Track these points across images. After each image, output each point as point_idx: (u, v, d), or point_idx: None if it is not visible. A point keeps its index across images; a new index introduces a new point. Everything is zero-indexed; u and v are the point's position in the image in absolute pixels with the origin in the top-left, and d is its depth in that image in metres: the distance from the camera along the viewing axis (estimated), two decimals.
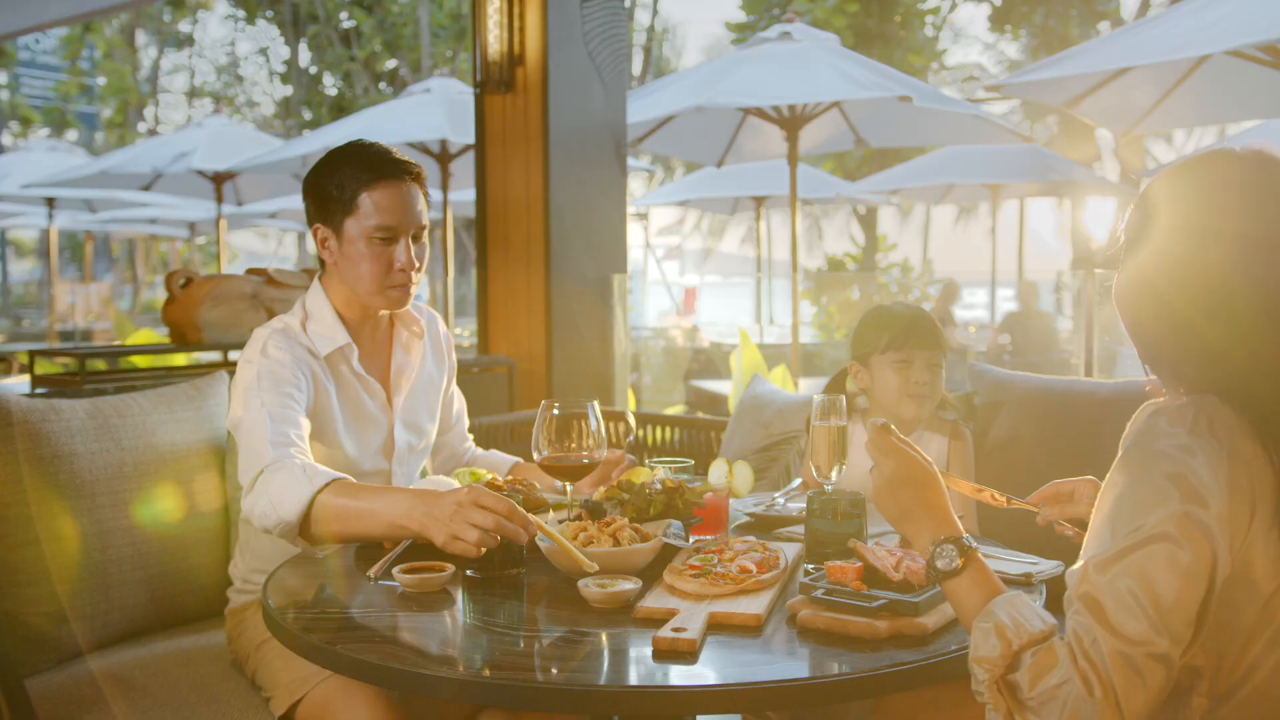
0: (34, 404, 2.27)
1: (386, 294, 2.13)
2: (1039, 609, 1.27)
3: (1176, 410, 1.21)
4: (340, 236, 2.10)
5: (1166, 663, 1.16)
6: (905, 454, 1.44)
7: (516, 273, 4.19)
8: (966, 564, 1.31)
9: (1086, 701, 1.15)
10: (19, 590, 2.19)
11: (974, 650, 1.24)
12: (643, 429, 3.64)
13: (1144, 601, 1.16)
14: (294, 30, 20.16)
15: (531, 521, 1.65)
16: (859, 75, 5.31)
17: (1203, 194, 1.26)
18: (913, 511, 1.39)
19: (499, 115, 4.19)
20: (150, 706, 1.99)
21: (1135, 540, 1.18)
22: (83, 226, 15.22)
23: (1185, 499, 1.17)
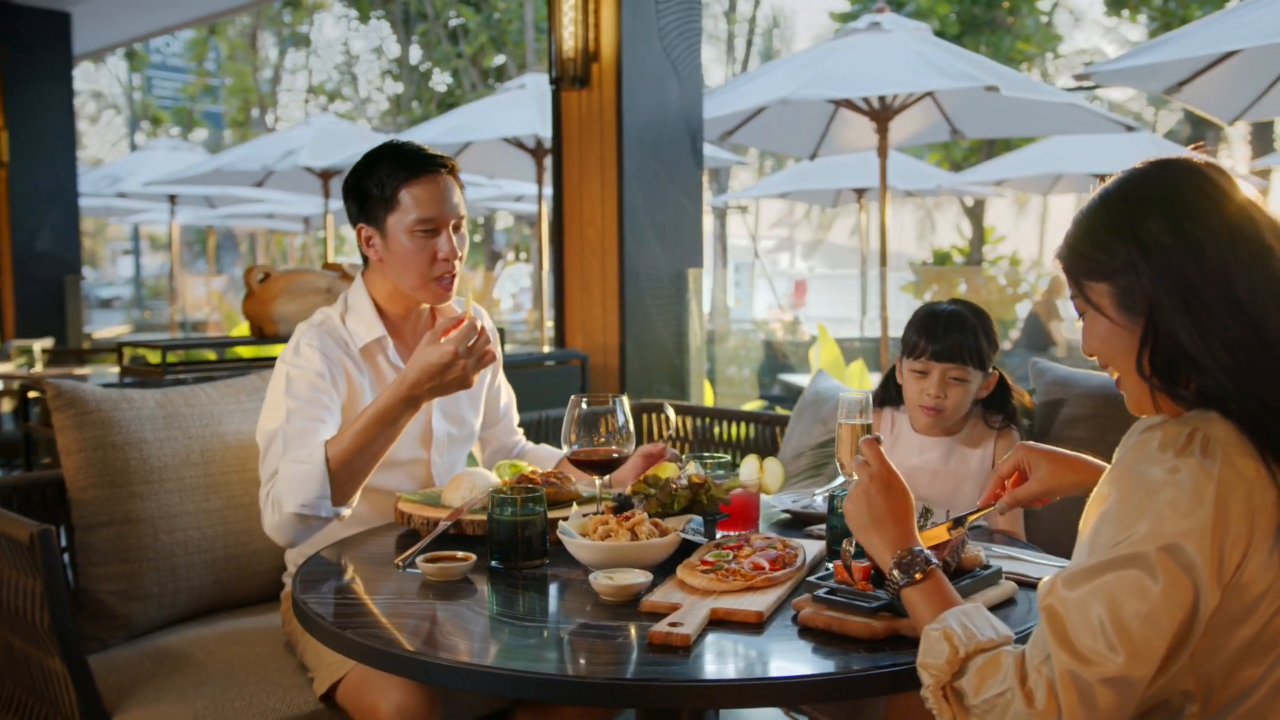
0: (108, 393, 2.40)
1: (431, 286, 2.20)
2: (995, 620, 1.26)
3: (1169, 431, 1.16)
4: (384, 233, 2.17)
5: (1120, 688, 1.12)
6: (887, 466, 1.47)
7: (592, 267, 4.24)
8: (925, 576, 1.33)
9: (1025, 713, 1.13)
10: (92, 569, 2.32)
11: (921, 655, 1.24)
12: (717, 424, 3.64)
13: (1106, 623, 1.13)
14: (404, 28, 20.64)
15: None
16: (947, 65, 5.20)
17: (1213, 195, 1.22)
18: (883, 521, 1.42)
19: (575, 111, 4.24)
20: (203, 681, 2.09)
21: (1109, 559, 1.15)
22: (204, 222, 15.87)
23: (1166, 526, 1.13)
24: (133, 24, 8.88)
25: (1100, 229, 1.26)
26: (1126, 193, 1.26)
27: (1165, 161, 1.28)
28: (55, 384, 2.36)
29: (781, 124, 6.94)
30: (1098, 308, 1.27)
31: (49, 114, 7.76)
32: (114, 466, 2.33)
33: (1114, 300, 1.24)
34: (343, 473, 1.96)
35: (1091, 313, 1.28)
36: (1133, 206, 1.24)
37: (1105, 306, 1.26)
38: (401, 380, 1.95)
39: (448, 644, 1.46)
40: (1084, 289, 1.28)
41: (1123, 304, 1.24)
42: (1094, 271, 1.26)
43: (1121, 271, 1.23)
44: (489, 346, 1.98)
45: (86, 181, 11.64)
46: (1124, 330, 1.24)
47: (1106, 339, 1.27)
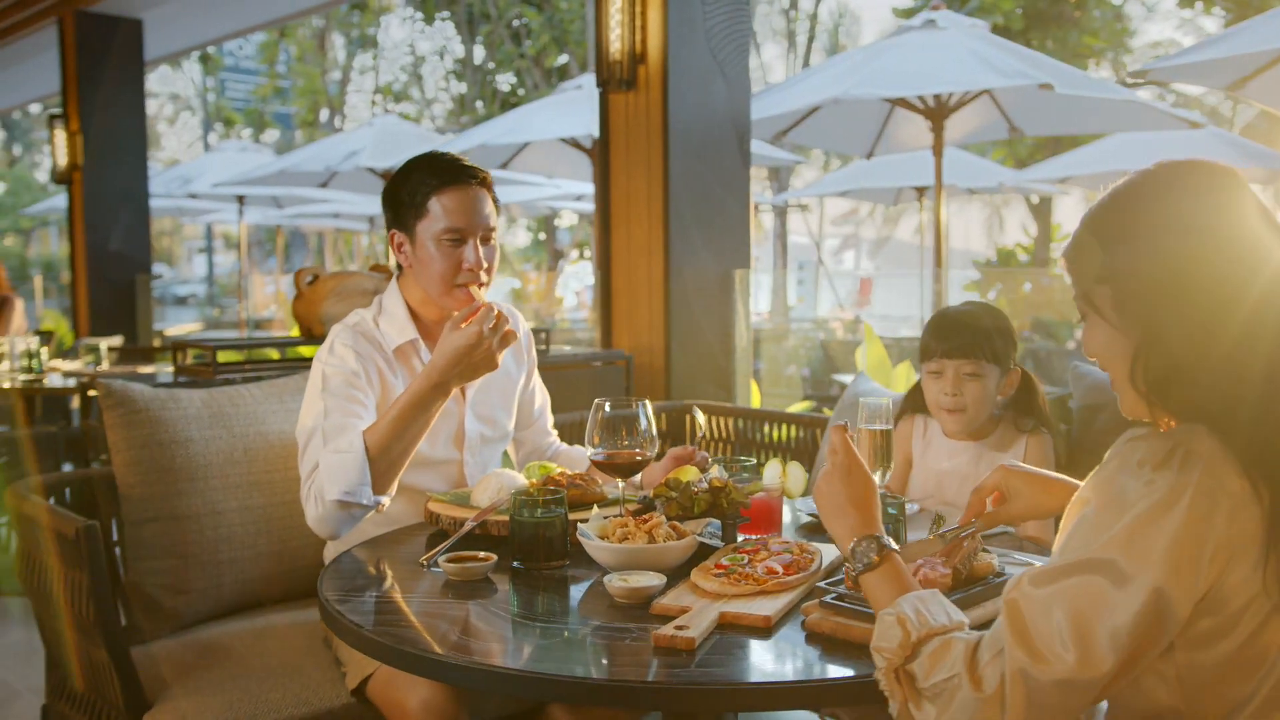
0: (156, 393, 2.48)
1: (455, 295, 2.24)
2: (950, 607, 1.28)
3: (1152, 445, 1.15)
4: (413, 240, 2.22)
5: (1068, 690, 1.12)
6: (853, 455, 1.49)
7: (638, 267, 4.26)
8: (882, 561, 1.35)
9: (972, 698, 1.15)
10: (141, 563, 2.41)
11: (875, 639, 1.26)
12: (759, 426, 3.64)
13: (1065, 625, 1.12)
14: (468, 29, 20.85)
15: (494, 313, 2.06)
16: (1001, 63, 5.14)
17: (1208, 195, 1.21)
18: (844, 507, 1.45)
19: (622, 113, 4.27)
20: (240, 674, 2.15)
21: (1076, 561, 1.15)
22: (272, 221, 16.21)
23: (1135, 536, 1.12)
24: (202, 29, 9.09)
25: (1102, 233, 1.25)
26: (1132, 197, 1.25)
27: (1175, 166, 1.26)
28: (106, 384, 2.45)
29: (837, 123, 6.92)
30: (1098, 311, 1.26)
31: (121, 118, 7.98)
32: (161, 464, 2.41)
33: (1113, 304, 1.24)
34: (381, 460, 2.03)
35: (1092, 315, 1.27)
36: (1137, 211, 1.23)
37: (1105, 310, 1.25)
38: (431, 367, 2.03)
39: (460, 643, 1.49)
40: (1086, 291, 1.27)
41: (1122, 308, 1.23)
42: (1095, 275, 1.25)
43: (1122, 276, 1.22)
44: (508, 327, 2.09)
45: (159, 183, 11.97)
46: (1121, 336, 1.23)
47: (1104, 343, 1.27)
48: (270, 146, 28.25)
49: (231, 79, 28.86)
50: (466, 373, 2.05)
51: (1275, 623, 1.13)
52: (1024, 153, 14.78)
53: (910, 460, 2.36)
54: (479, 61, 21.41)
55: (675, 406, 3.69)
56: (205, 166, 11.84)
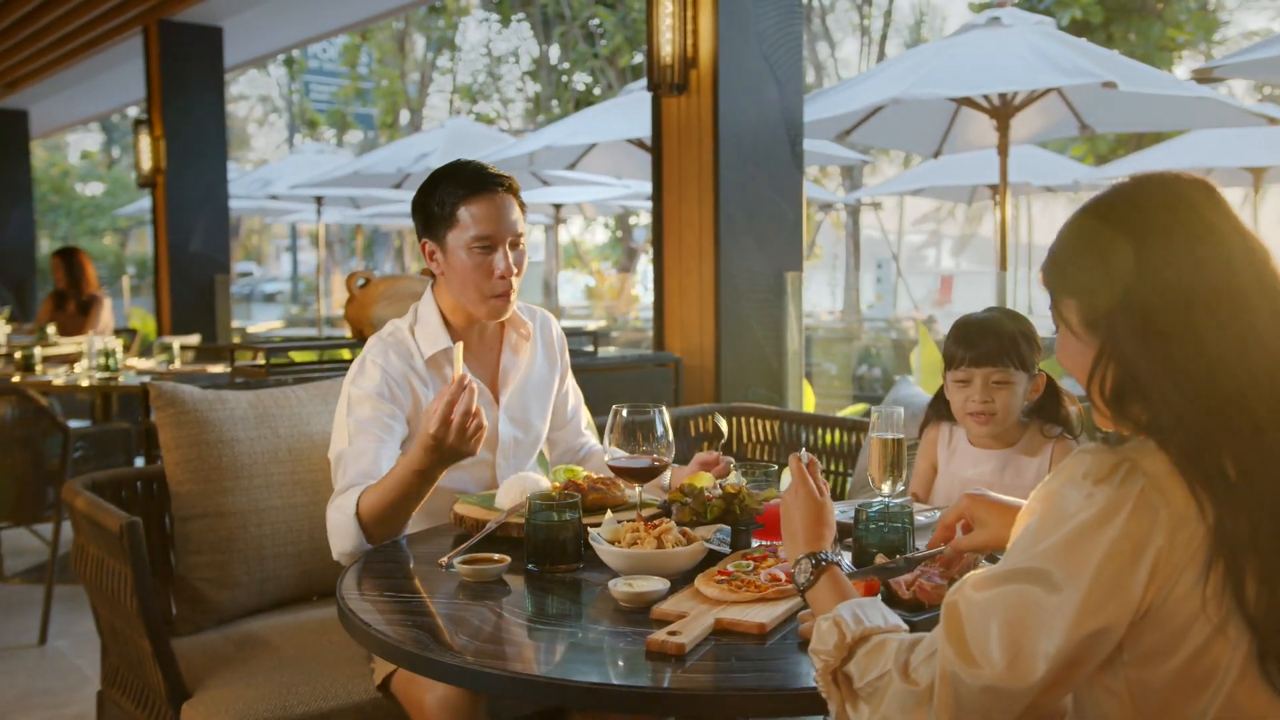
0: (204, 394, 2.58)
1: (489, 303, 2.29)
2: (888, 612, 1.30)
3: (1099, 458, 1.15)
4: (444, 249, 2.27)
5: (995, 697, 1.12)
6: (804, 480, 1.58)
7: (689, 270, 4.29)
8: (819, 575, 1.43)
9: (903, 690, 1.17)
10: (188, 558, 2.51)
11: (813, 643, 1.29)
12: (814, 431, 3.64)
13: (998, 631, 1.13)
14: (544, 30, 21.04)
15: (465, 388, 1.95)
16: (1065, 61, 5.04)
17: (1172, 213, 1.20)
18: (794, 529, 1.54)
19: (674, 117, 4.30)
20: (275, 666, 2.23)
21: (1014, 569, 1.15)
22: (351, 221, 16.55)
23: (1071, 548, 1.12)
24: (280, 35, 9.33)
25: (1073, 244, 1.26)
26: (1103, 210, 1.25)
27: (1149, 179, 1.26)
28: (156, 385, 2.55)
29: (903, 122, 6.84)
30: (1066, 323, 1.26)
31: (202, 123, 8.24)
32: (208, 462, 2.51)
33: (1080, 317, 1.24)
34: (374, 526, 2.06)
35: (1062, 327, 1.28)
36: (1105, 225, 1.23)
37: (1072, 323, 1.25)
38: (412, 455, 1.98)
39: (461, 644, 1.54)
40: (1056, 302, 1.28)
41: (1086, 322, 1.23)
42: (1065, 286, 1.26)
43: (1089, 289, 1.22)
44: (473, 419, 1.95)
45: (242, 184, 12.31)
46: (1087, 348, 1.24)
47: (1073, 355, 1.27)
48: (354, 147, 28.87)
49: (315, 81, 29.53)
50: (444, 462, 1.99)
51: (1220, 642, 1.12)
52: (1104, 148, 14.43)
53: (935, 467, 2.35)
54: (554, 62, 21.60)
55: (722, 409, 3.71)
56: (284, 168, 12.15)
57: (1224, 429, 1.13)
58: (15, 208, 12.44)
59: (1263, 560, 1.10)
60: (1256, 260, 1.20)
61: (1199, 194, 1.23)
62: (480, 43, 26.69)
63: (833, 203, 17.15)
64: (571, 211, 15.04)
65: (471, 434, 1.95)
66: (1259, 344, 1.15)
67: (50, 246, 27.32)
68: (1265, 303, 1.18)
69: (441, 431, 1.92)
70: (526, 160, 8.40)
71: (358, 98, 27.03)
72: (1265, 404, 1.14)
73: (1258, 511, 1.10)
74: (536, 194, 11.89)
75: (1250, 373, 1.14)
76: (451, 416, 1.92)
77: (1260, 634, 1.10)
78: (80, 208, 30.38)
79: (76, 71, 10.21)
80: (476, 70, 25.61)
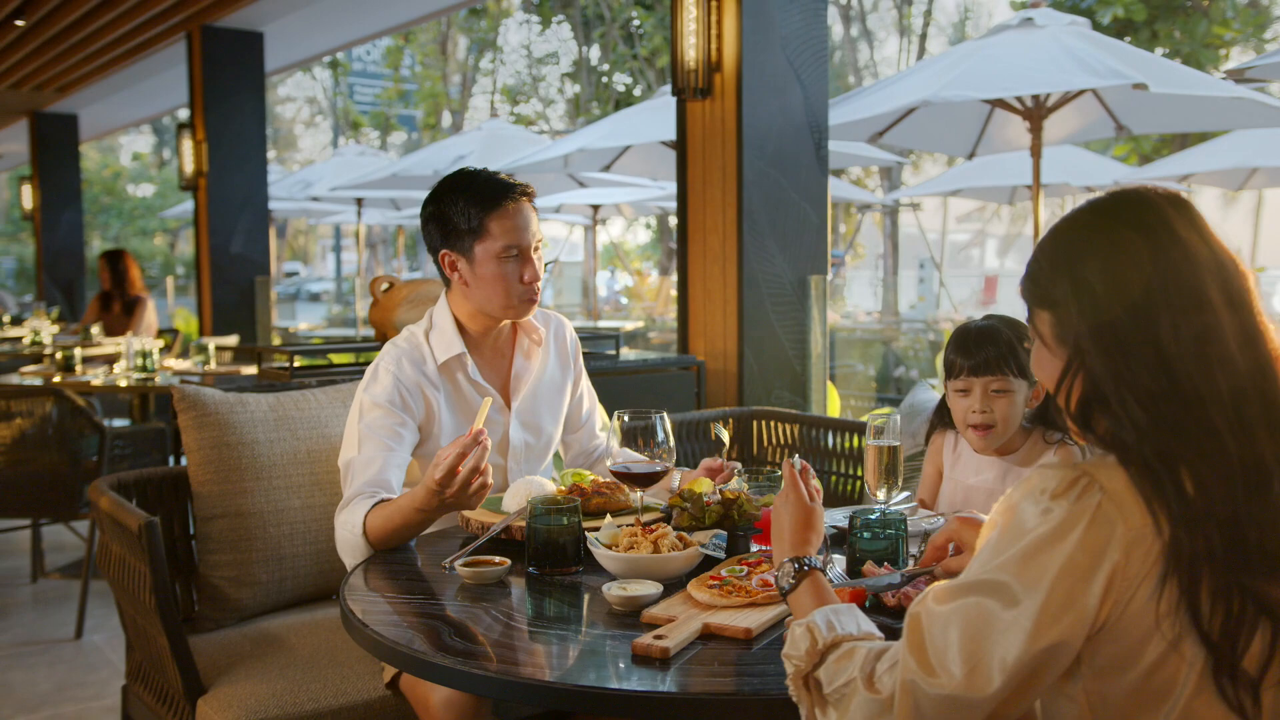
0: (225, 397, 2.64)
1: (518, 307, 2.34)
2: (863, 619, 1.32)
3: (1059, 473, 1.16)
4: (470, 260, 2.31)
5: (953, 707, 1.13)
6: (795, 486, 1.60)
7: (713, 274, 4.31)
8: (800, 580, 1.44)
9: (866, 698, 1.19)
10: (209, 556, 2.57)
11: (785, 647, 1.31)
12: (835, 434, 3.64)
13: (956, 642, 1.14)
14: (584, 31, 21.11)
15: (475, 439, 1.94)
16: (1095, 62, 5.00)
17: (1142, 230, 1.21)
18: (781, 534, 1.56)
19: (699, 121, 4.32)
20: (288, 664, 2.29)
21: (973, 581, 1.16)
22: (391, 222, 16.71)
23: (1027, 562, 1.13)
24: (321, 39, 9.46)
25: (1046, 258, 1.27)
26: (1075, 225, 1.26)
27: (1124, 193, 1.26)
28: (180, 388, 2.62)
29: (936, 123, 6.81)
30: (1040, 335, 1.28)
31: (243, 127, 8.38)
32: (228, 464, 2.57)
33: (1051, 330, 1.25)
34: (380, 544, 2.09)
35: (1036, 339, 1.29)
36: (1075, 240, 1.25)
37: (1045, 335, 1.27)
38: (415, 495, 2.00)
39: (455, 646, 1.57)
40: (1031, 314, 1.29)
41: (1057, 335, 1.25)
42: (1038, 299, 1.27)
43: (1059, 303, 1.24)
44: (478, 476, 1.95)
45: (283, 186, 12.49)
46: (1057, 360, 1.25)
47: (1044, 367, 1.28)
48: (398, 148, 29.15)
49: (359, 83, 29.89)
50: (447, 507, 1.99)
51: (1174, 659, 1.13)
52: (1148, 148, 14.21)
53: (941, 473, 2.35)
54: (594, 63, 21.68)
55: (743, 413, 3.73)
56: (325, 170, 12.30)
57: (1184, 444, 1.14)
58: (65, 210, 12.71)
59: (1217, 576, 1.11)
60: (1225, 273, 1.20)
61: (1170, 207, 1.24)
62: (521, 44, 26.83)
63: (871, 203, 17.05)
64: (610, 212, 15.09)
65: (474, 490, 1.95)
66: (1222, 360, 1.16)
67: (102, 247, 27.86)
68: (1231, 317, 1.18)
69: (446, 480, 1.92)
70: (561, 162, 8.46)
71: (400, 99, 27.31)
72: (1227, 420, 1.14)
73: (1213, 527, 1.11)
74: (573, 195, 11.95)
75: (1213, 389, 1.15)
76: (459, 468, 1.92)
77: (1214, 650, 1.11)
78: (131, 208, 30.97)
79: (124, 76, 10.42)
80: (517, 71, 25.77)
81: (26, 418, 4.16)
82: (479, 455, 1.93)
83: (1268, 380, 1.18)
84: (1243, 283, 1.21)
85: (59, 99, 11.64)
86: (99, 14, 8.13)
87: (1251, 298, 1.21)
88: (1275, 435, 1.17)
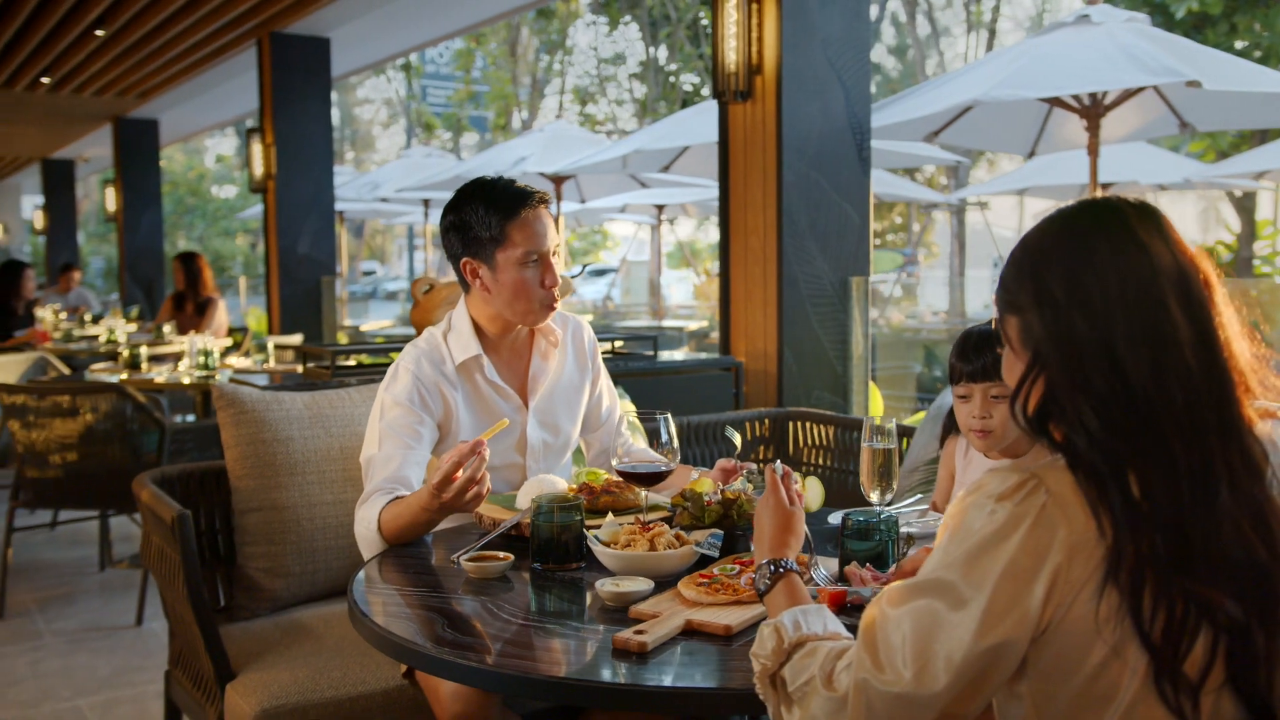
0: (262, 395, 2.75)
1: (539, 312, 2.41)
2: (831, 620, 1.34)
3: (1006, 476, 1.18)
4: (492, 266, 2.37)
5: (904, 705, 1.15)
6: (776, 491, 1.64)
7: (754, 275, 4.33)
8: (776, 581, 1.48)
9: (824, 696, 1.22)
10: (245, 548, 2.68)
11: (754, 647, 1.34)
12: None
13: (907, 642, 1.16)
14: (651, 32, 21.17)
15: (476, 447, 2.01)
16: (1150, 59, 4.90)
17: (1121, 246, 1.22)
18: (761, 537, 1.61)
19: (740, 123, 4.35)
20: (313, 652, 2.38)
21: (922, 582, 1.19)
22: None
23: (972, 563, 1.16)
24: (387, 43, 9.65)
25: (1013, 265, 1.29)
26: (1043, 233, 1.28)
27: (1090, 204, 1.28)
28: (219, 386, 2.73)
29: (993, 122, 6.73)
30: (1008, 339, 1.30)
31: (309, 130, 8.60)
32: (264, 459, 2.67)
33: (1017, 336, 1.27)
34: (393, 539, 2.17)
35: (1006, 345, 1.31)
36: (1041, 250, 1.26)
37: (1012, 340, 1.29)
38: (420, 495, 2.08)
39: (448, 638, 1.64)
40: (1001, 319, 1.31)
41: (1022, 341, 1.26)
42: (1006, 305, 1.29)
43: (1024, 309, 1.26)
44: (474, 485, 2.01)
45: (353, 188, 12.75)
46: (1020, 366, 1.27)
47: (1011, 373, 1.30)
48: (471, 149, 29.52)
49: (431, 85, 30.34)
50: (446, 510, 2.05)
51: (1116, 665, 1.14)
52: (1225, 144, 13.81)
53: (954, 477, 2.36)
54: (661, 63, 21.73)
55: (779, 414, 3.75)
56: (393, 172, 12.54)
57: (1134, 452, 1.15)
58: (146, 211, 13.14)
59: (1160, 580, 1.12)
60: (1186, 282, 1.21)
61: (1136, 215, 1.25)
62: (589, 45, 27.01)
63: (938, 202, 16.85)
64: (676, 211, 15.13)
65: (469, 498, 2.02)
66: (1177, 368, 1.17)
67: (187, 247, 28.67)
68: (1189, 326, 1.19)
69: (442, 486, 2.00)
70: (620, 163, 8.54)
71: (471, 101, 27.67)
72: (1178, 428, 1.16)
73: (1156, 532, 1.12)
74: (636, 195, 12.02)
75: (1166, 398, 1.16)
76: (455, 476, 2.00)
77: (1156, 654, 1.12)
78: (215, 209, 31.83)
79: (200, 82, 10.74)
80: (586, 72, 25.95)
81: (92, 414, 4.34)
82: (475, 466, 2.00)
83: (1224, 389, 1.19)
84: (1205, 291, 1.22)
85: (140, 105, 12.04)
86: (172, 23, 8.40)
87: (1213, 307, 1.22)
88: (1228, 443, 1.18)
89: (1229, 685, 1.14)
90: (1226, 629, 1.13)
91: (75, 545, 5.58)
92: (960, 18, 25.46)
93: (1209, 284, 1.23)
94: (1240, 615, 1.12)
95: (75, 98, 11.55)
